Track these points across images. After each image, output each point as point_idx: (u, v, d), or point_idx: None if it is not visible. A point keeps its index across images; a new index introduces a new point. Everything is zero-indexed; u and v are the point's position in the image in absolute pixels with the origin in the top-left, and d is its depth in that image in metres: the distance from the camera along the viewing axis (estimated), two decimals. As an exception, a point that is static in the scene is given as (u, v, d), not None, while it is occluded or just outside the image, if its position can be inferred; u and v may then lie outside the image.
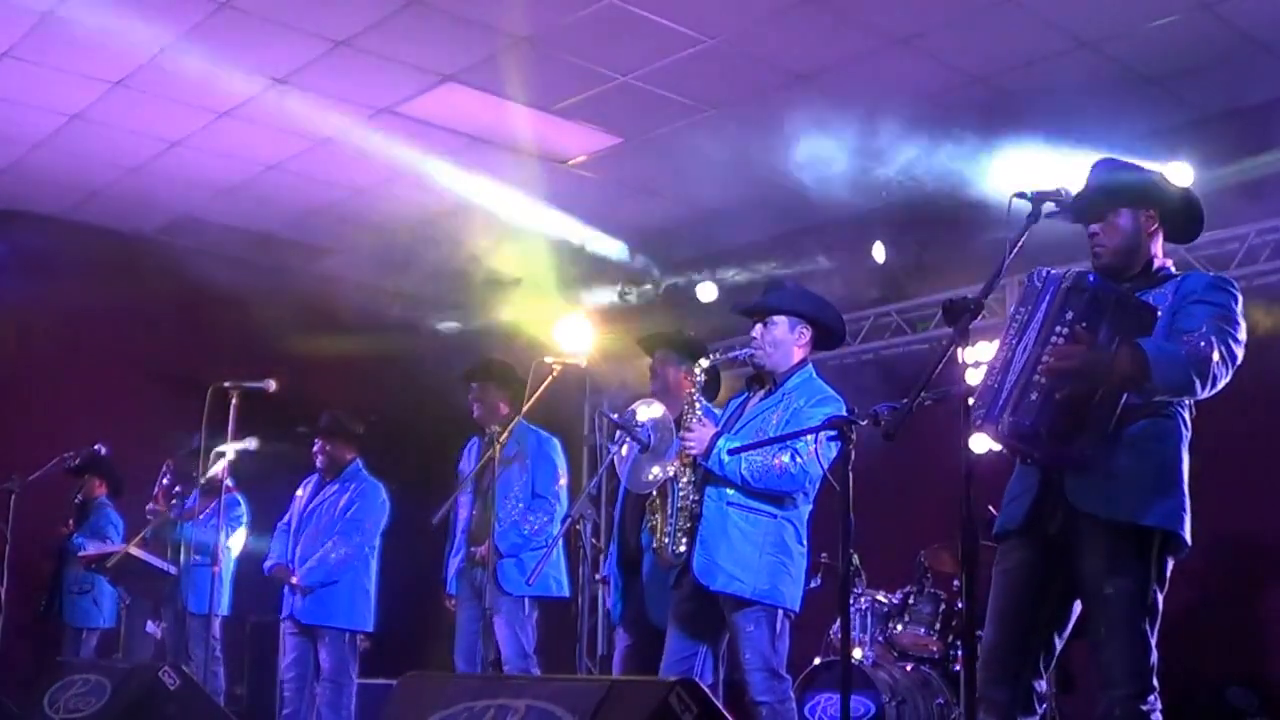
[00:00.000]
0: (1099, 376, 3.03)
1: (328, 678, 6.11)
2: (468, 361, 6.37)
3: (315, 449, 6.50)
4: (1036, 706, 3.20)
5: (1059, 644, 3.31)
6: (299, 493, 6.62)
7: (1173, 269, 3.45)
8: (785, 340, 4.46)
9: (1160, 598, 3.16)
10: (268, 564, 6.51)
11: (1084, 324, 3.03)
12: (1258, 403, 4.18)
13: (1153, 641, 3.13)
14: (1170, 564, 3.20)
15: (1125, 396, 3.10)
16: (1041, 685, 3.22)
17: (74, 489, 8.07)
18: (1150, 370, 3.01)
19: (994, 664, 3.27)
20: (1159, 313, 3.15)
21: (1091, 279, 3.12)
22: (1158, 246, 3.44)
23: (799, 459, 4.18)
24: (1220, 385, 3.14)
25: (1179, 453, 3.24)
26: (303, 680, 6.21)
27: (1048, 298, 3.15)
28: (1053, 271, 3.25)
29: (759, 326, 4.50)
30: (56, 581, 7.91)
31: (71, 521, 7.99)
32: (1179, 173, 6.62)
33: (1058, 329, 3.06)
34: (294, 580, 6.20)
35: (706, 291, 8.96)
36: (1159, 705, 3.11)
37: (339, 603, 6.21)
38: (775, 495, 4.27)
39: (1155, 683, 3.11)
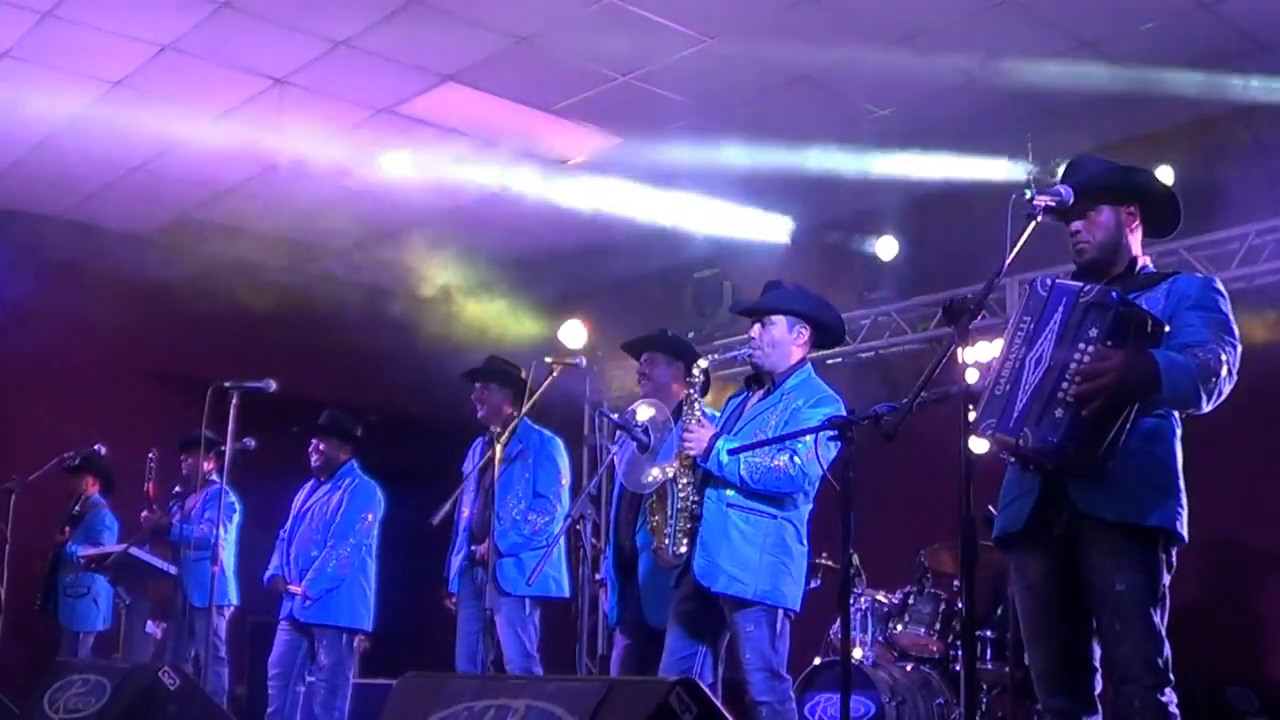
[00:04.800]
0: (1127, 394, 3.04)
1: (324, 677, 6.08)
2: (469, 361, 6.36)
3: (310, 448, 6.49)
4: (1098, 704, 3.22)
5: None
6: (297, 498, 6.61)
7: (1152, 266, 3.46)
8: (783, 340, 4.45)
9: (1167, 591, 3.18)
10: (266, 575, 6.50)
11: (1109, 342, 3.02)
12: (1257, 404, 4.17)
13: (1164, 634, 3.14)
14: (1174, 555, 3.23)
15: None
16: (1098, 682, 3.23)
17: (72, 494, 8.06)
18: (1161, 382, 3.03)
19: (1048, 680, 3.30)
20: (1166, 328, 3.13)
21: (1114, 296, 3.09)
22: (1138, 243, 3.45)
23: (798, 460, 4.18)
24: (1223, 398, 3.16)
25: (1174, 450, 3.27)
26: (286, 678, 6.18)
27: (1062, 309, 3.12)
28: (1059, 280, 3.23)
29: (757, 326, 4.49)
30: (51, 585, 7.91)
31: (66, 528, 7.98)
32: (1162, 174, 6.65)
33: (1081, 345, 3.04)
34: (294, 589, 6.19)
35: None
36: (1175, 699, 3.11)
37: (338, 602, 6.19)
38: (775, 496, 4.26)
39: (1171, 676, 3.12)
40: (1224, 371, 3.12)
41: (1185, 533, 3.21)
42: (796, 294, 4.59)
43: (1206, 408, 3.15)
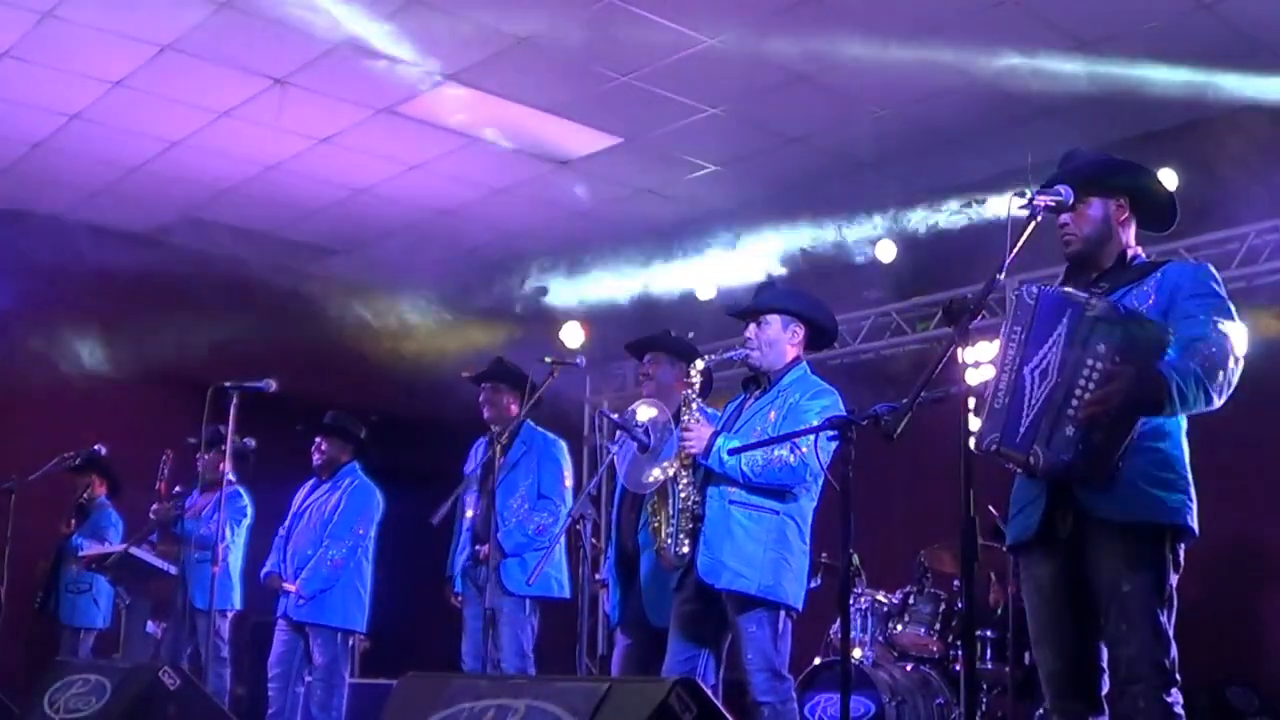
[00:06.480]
0: (1137, 412, 3.04)
1: (319, 677, 6.09)
2: (470, 361, 6.36)
3: (313, 446, 6.50)
4: (1104, 705, 3.21)
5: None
6: (297, 495, 6.62)
7: (1144, 256, 3.43)
8: (779, 339, 4.46)
9: (1174, 590, 3.17)
10: (263, 572, 6.52)
11: (1118, 358, 3.00)
12: (1258, 403, 4.17)
13: (1171, 634, 3.13)
14: (1181, 552, 3.21)
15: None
16: (1105, 683, 3.21)
17: (75, 489, 8.07)
18: (1174, 399, 3.02)
19: (1055, 681, 3.29)
20: (1170, 335, 3.10)
21: (1121, 309, 3.07)
22: (1130, 236, 3.42)
23: (798, 452, 4.18)
24: (1233, 388, 3.14)
25: (1180, 445, 3.25)
26: (286, 679, 6.20)
27: (1066, 321, 3.08)
28: (1046, 288, 3.21)
29: (752, 327, 4.50)
30: (53, 581, 7.91)
31: (72, 521, 7.99)
32: (1163, 175, 6.63)
33: (1089, 361, 3.02)
34: (289, 587, 6.20)
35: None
36: (1180, 699, 3.10)
37: (332, 603, 6.20)
38: (777, 490, 4.27)
39: (1178, 677, 3.11)
40: (1230, 363, 3.09)
41: (1195, 526, 3.19)
42: (790, 293, 4.62)
43: (1218, 403, 3.12)
